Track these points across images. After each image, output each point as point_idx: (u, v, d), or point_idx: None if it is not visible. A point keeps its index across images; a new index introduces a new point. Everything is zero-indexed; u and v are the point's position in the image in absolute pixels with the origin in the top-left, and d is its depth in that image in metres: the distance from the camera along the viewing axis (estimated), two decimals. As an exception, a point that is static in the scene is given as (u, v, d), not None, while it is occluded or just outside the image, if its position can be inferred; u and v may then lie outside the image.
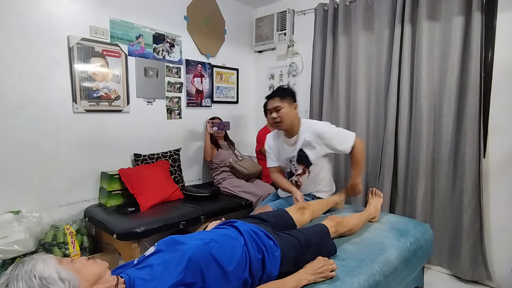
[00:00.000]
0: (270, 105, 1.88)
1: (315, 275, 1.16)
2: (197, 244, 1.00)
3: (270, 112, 1.88)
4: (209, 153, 2.79)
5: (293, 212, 1.56)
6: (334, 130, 1.89)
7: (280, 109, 1.84)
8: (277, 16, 3.18)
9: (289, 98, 1.87)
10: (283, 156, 2.02)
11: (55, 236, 1.98)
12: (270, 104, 1.88)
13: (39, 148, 2.05)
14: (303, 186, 2.01)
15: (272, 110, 1.86)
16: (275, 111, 1.85)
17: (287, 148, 1.98)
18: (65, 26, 2.11)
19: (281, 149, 2.01)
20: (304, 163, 1.94)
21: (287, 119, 1.86)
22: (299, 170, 1.99)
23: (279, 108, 1.84)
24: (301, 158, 1.93)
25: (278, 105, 1.84)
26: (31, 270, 0.75)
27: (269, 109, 1.89)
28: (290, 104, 1.87)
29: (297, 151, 1.92)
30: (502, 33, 2.02)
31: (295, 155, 1.94)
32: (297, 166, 1.99)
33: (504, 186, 2.07)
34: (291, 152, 1.96)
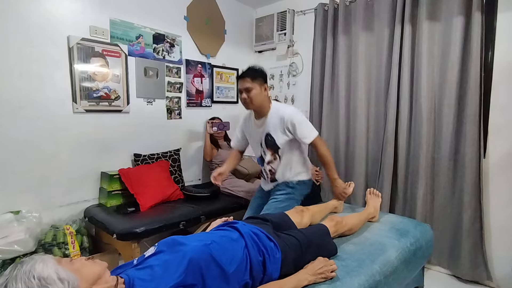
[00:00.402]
0: (240, 85, 1.84)
1: (315, 275, 1.16)
2: (198, 245, 1.00)
3: (241, 92, 1.85)
4: (209, 153, 2.79)
5: (293, 216, 1.56)
6: (299, 118, 1.83)
7: (251, 90, 1.81)
8: (277, 16, 3.18)
9: (260, 80, 1.84)
10: (254, 139, 1.99)
11: (55, 236, 1.98)
12: (241, 84, 1.84)
13: (39, 148, 2.05)
14: (278, 172, 1.93)
15: (243, 90, 1.83)
16: (246, 92, 1.82)
17: (256, 129, 1.95)
18: (65, 26, 2.11)
19: (252, 130, 1.99)
20: (273, 148, 1.90)
21: (257, 100, 1.84)
22: (267, 155, 1.93)
23: (250, 89, 1.81)
24: (268, 142, 1.90)
25: (248, 86, 1.81)
26: (30, 271, 0.75)
27: (240, 89, 1.86)
28: (261, 86, 1.84)
29: (264, 135, 1.90)
30: (502, 33, 2.02)
31: (263, 138, 1.91)
32: (266, 150, 1.94)
33: (504, 186, 2.07)
34: (259, 135, 1.93)
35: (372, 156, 2.60)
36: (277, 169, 1.94)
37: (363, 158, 2.61)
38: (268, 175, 1.99)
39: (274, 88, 3.44)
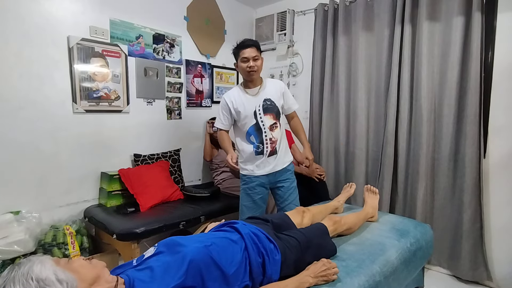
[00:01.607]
0: (248, 53, 1.89)
1: (317, 278, 1.16)
2: (198, 247, 1.00)
3: (247, 60, 1.90)
4: (209, 153, 2.79)
5: (294, 216, 1.56)
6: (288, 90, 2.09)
7: (257, 59, 1.92)
8: (277, 16, 3.18)
9: (260, 51, 1.97)
10: (248, 110, 1.95)
11: (55, 236, 1.98)
12: (249, 53, 1.89)
13: (39, 148, 2.05)
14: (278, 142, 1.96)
15: (250, 59, 1.90)
16: (253, 60, 1.90)
17: (250, 99, 1.97)
18: (65, 26, 2.11)
19: (245, 102, 1.97)
20: (273, 111, 1.96)
21: (260, 69, 1.96)
22: (266, 122, 1.94)
23: (257, 58, 1.91)
24: (268, 107, 1.95)
25: (256, 54, 1.91)
26: (28, 272, 0.75)
27: (247, 57, 1.90)
28: (261, 57, 1.98)
29: (262, 101, 1.96)
30: (502, 34, 2.01)
31: (261, 104, 1.95)
32: (263, 117, 1.94)
33: (504, 186, 2.07)
34: (255, 103, 1.95)
35: (372, 156, 2.60)
36: (278, 138, 1.97)
37: (363, 158, 2.61)
38: (268, 146, 1.94)
39: (274, 88, 3.43)
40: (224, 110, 2.03)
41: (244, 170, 2.02)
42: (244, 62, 1.91)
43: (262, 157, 1.96)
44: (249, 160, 2.00)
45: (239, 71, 2.00)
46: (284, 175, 2.02)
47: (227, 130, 2.08)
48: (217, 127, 2.09)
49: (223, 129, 2.07)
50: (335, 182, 2.80)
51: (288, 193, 2.03)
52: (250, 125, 1.96)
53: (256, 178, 1.98)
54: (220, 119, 2.06)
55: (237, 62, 1.98)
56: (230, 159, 1.84)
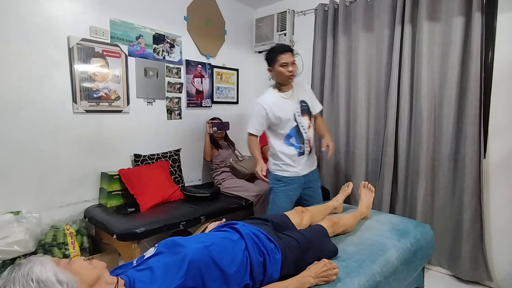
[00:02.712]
0: (288, 58, 1.95)
1: (317, 278, 1.16)
2: (198, 247, 1.00)
3: (287, 65, 1.95)
4: (209, 154, 2.79)
5: (293, 217, 1.56)
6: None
7: (295, 63, 1.99)
8: (277, 16, 3.18)
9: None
10: (288, 113, 1.99)
11: (55, 236, 1.98)
12: (288, 58, 1.95)
13: (39, 148, 2.05)
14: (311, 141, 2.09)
15: (290, 64, 1.95)
16: (292, 65, 1.96)
17: (287, 103, 2.02)
18: (65, 26, 2.11)
19: (283, 105, 2.01)
20: (308, 112, 2.08)
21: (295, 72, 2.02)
22: (304, 123, 2.03)
23: (295, 62, 1.98)
24: (304, 108, 2.05)
25: (294, 59, 1.98)
26: (28, 273, 0.75)
27: (286, 63, 1.95)
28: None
29: (299, 103, 2.04)
30: (502, 34, 2.01)
31: (298, 106, 2.03)
32: (302, 119, 2.03)
33: (504, 186, 2.07)
34: (293, 106, 2.02)
35: (372, 157, 2.60)
36: (311, 139, 2.09)
37: (363, 158, 2.60)
38: (307, 146, 2.05)
39: (274, 88, 3.43)
40: (260, 116, 2.00)
41: (286, 172, 2.04)
42: (284, 67, 1.95)
43: (304, 157, 2.05)
44: (291, 162, 2.03)
45: (275, 75, 2.02)
46: (315, 175, 2.17)
47: (258, 135, 2.11)
48: (250, 132, 2.07)
49: (255, 135, 2.09)
50: (335, 182, 2.80)
51: (317, 192, 2.19)
52: (290, 127, 2.01)
53: (297, 179, 2.04)
54: (254, 124, 2.04)
55: (273, 67, 2.00)
56: (260, 171, 1.94)
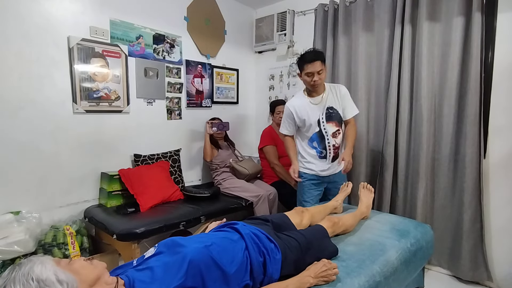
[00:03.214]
0: (312, 68, 1.91)
1: (317, 278, 1.16)
2: (198, 247, 1.00)
3: (311, 75, 1.93)
4: (209, 154, 2.79)
5: (293, 217, 1.56)
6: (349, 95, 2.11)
7: (322, 72, 1.93)
8: (277, 16, 3.18)
9: (324, 61, 1.97)
10: (312, 118, 2.04)
11: (55, 236, 1.98)
12: (313, 68, 1.91)
13: (39, 148, 2.05)
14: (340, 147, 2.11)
15: (315, 73, 1.92)
16: (318, 74, 1.92)
17: (314, 108, 2.04)
18: (65, 26, 2.11)
19: (309, 110, 2.04)
20: (336, 119, 2.05)
21: (323, 80, 1.99)
22: (329, 130, 2.04)
23: (321, 71, 1.93)
24: (331, 115, 2.03)
25: (321, 68, 1.92)
26: (29, 273, 0.75)
27: (311, 72, 1.92)
28: (325, 67, 1.99)
29: (325, 109, 2.03)
30: (502, 34, 2.01)
31: (324, 112, 2.03)
32: (326, 125, 2.04)
33: (504, 186, 2.07)
34: (320, 111, 2.03)
35: (372, 157, 2.60)
36: (340, 144, 2.07)
37: (363, 158, 2.60)
38: (331, 152, 2.07)
39: (275, 88, 3.44)
40: (289, 118, 2.12)
41: (307, 169, 2.13)
42: (309, 76, 1.95)
43: (326, 161, 2.09)
44: (313, 161, 2.11)
45: (303, 81, 2.04)
46: (339, 176, 2.17)
47: (292, 135, 2.17)
48: (283, 133, 2.18)
49: (288, 135, 2.17)
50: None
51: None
52: (313, 132, 2.07)
53: (318, 178, 2.13)
54: (285, 126, 2.16)
55: (301, 73, 2.01)
56: (293, 172, 2.04)
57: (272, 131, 2.89)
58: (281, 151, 2.84)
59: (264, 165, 2.93)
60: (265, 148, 2.84)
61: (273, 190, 2.68)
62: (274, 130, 2.90)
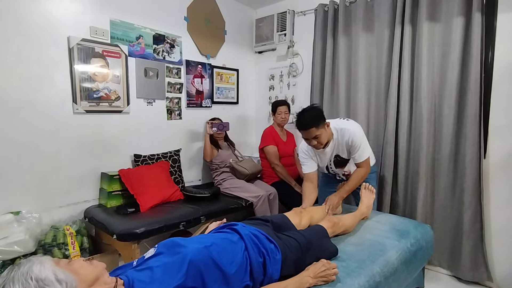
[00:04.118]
0: (306, 135, 1.81)
1: (316, 278, 1.16)
2: (198, 247, 1.00)
3: (308, 139, 1.84)
4: (209, 154, 2.79)
5: (292, 217, 1.56)
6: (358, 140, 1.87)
7: (319, 136, 1.79)
8: (277, 16, 3.18)
9: (322, 122, 1.80)
10: (320, 163, 2.06)
11: (55, 237, 1.98)
12: (307, 135, 1.80)
13: (39, 148, 2.05)
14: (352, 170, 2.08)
15: (312, 139, 1.82)
16: (314, 139, 1.81)
17: (323, 156, 2.02)
18: (65, 26, 2.11)
19: (319, 158, 2.04)
20: (344, 164, 2.03)
21: (325, 140, 1.85)
22: (339, 172, 2.08)
23: (317, 136, 1.79)
24: (339, 162, 2.01)
25: (316, 134, 1.78)
26: (28, 272, 0.75)
27: (306, 138, 1.84)
28: (324, 127, 1.82)
29: (333, 157, 1.99)
30: (502, 34, 2.01)
31: (332, 159, 2.01)
32: (335, 169, 2.06)
33: (504, 186, 2.07)
34: (328, 157, 2.01)
35: (372, 157, 2.60)
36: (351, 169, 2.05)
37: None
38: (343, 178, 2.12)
39: (274, 88, 3.44)
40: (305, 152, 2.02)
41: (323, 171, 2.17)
42: (307, 140, 1.85)
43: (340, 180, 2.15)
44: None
45: None
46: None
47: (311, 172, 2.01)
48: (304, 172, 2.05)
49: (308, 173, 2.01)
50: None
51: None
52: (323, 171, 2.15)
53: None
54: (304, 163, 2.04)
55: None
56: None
57: (273, 131, 2.89)
58: (282, 151, 2.84)
59: (264, 165, 2.92)
60: (266, 148, 2.83)
61: (273, 191, 2.67)
62: (275, 130, 2.90)
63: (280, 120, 2.86)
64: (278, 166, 2.78)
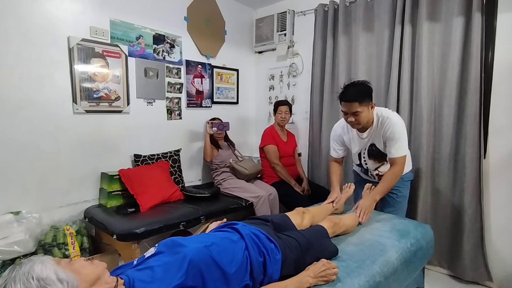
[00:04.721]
0: (346, 108, 1.68)
1: (317, 278, 1.15)
2: (198, 247, 1.00)
3: (346, 114, 1.71)
4: (209, 154, 2.79)
5: (293, 217, 1.56)
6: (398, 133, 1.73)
7: (359, 113, 1.68)
8: (277, 16, 3.18)
9: (368, 100, 1.69)
10: (355, 149, 1.95)
11: (55, 237, 1.98)
12: (347, 108, 1.68)
13: (39, 148, 2.05)
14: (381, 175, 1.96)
15: (350, 114, 1.69)
16: (353, 115, 1.69)
17: (359, 139, 1.89)
18: (65, 26, 2.11)
19: (355, 139, 1.91)
20: (378, 156, 1.86)
21: (364, 121, 1.73)
22: (371, 165, 1.93)
23: (358, 113, 1.68)
24: (373, 152, 1.87)
25: (357, 110, 1.66)
26: (29, 272, 0.75)
27: (345, 111, 1.71)
28: (368, 106, 1.70)
29: (368, 145, 1.87)
30: (503, 34, 2.02)
31: (366, 148, 1.88)
32: (368, 161, 1.93)
33: (504, 186, 2.07)
34: (363, 145, 1.89)
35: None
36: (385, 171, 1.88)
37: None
38: (376, 177, 1.99)
39: (274, 88, 3.44)
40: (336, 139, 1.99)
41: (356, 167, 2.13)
42: (345, 114, 1.73)
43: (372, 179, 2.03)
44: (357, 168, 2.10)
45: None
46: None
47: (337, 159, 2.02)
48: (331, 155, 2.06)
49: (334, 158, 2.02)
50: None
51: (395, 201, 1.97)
52: (356, 161, 2.04)
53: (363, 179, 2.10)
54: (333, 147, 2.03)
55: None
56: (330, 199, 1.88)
57: (273, 131, 2.89)
58: (282, 151, 2.84)
59: (265, 165, 2.92)
60: (266, 147, 2.83)
61: (273, 191, 2.67)
62: (275, 129, 2.90)
63: (280, 120, 2.85)
64: (278, 166, 2.78)
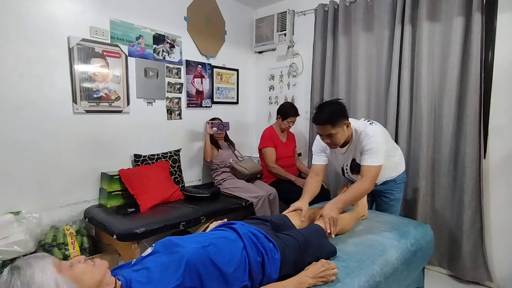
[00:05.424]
0: (320, 131, 1.68)
1: (316, 278, 1.15)
2: (195, 247, 0.99)
3: (321, 135, 1.70)
4: (209, 154, 2.79)
5: (293, 218, 1.56)
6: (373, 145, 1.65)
7: (334, 135, 1.65)
8: (277, 16, 3.18)
9: (342, 120, 1.64)
10: (337, 165, 1.94)
11: (55, 237, 1.98)
12: (321, 131, 1.67)
13: (39, 148, 2.05)
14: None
15: (325, 137, 1.67)
16: (328, 137, 1.66)
17: (339, 156, 1.86)
18: (65, 27, 2.11)
19: (334, 155, 1.89)
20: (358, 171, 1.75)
21: (341, 141, 1.69)
22: (355, 178, 1.89)
23: (332, 135, 1.64)
24: (356, 167, 1.81)
25: (331, 132, 1.63)
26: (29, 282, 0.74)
27: (320, 134, 1.70)
28: (343, 126, 1.65)
29: (350, 160, 1.83)
30: (502, 34, 2.01)
31: (349, 163, 1.85)
32: (352, 176, 1.92)
33: (504, 186, 2.07)
34: (344, 161, 1.87)
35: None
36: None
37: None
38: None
39: (274, 88, 3.44)
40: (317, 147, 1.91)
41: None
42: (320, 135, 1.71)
43: None
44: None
45: None
46: (388, 185, 1.96)
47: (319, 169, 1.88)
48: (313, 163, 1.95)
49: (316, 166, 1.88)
50: (336, 183, 2.80)
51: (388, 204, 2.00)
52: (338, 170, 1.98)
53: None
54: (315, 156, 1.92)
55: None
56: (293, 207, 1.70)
57: (272, 132, 2.88)
58: (280, 153, 2.84)
59: (264, 165, 2.92)
60: (264, 149, 2.83)
61: (273, 191, 2.67)
62: (274, 130, 2.89)
63: (285, 126, 2.84)
64: (274, 168, 2.78)
